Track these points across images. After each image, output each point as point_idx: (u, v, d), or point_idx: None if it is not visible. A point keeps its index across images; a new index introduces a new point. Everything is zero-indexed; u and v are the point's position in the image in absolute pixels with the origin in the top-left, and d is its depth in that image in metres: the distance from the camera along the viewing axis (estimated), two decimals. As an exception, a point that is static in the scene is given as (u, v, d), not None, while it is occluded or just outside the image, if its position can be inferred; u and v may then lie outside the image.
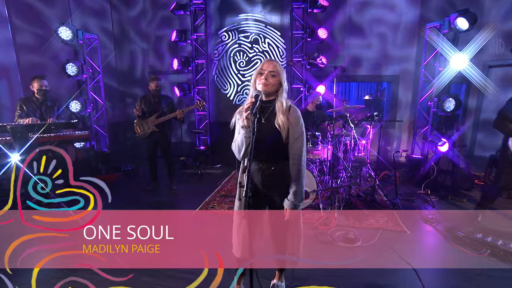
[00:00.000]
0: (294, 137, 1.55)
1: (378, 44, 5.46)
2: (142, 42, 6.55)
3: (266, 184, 1.61)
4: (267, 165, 1.59)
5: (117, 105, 6.43)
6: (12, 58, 4.19)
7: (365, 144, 3.88)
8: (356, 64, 5.54)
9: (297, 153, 1.57)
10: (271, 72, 1.53)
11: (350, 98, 8.58)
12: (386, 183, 4.33)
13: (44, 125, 2.89)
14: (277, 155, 1.59)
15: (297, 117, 1.57)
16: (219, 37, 5.24)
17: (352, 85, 8.54)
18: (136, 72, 6.74)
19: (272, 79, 1.52)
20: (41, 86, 3.24)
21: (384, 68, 5.55)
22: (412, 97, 5.47)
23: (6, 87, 4.22)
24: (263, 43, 5.16)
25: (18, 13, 4.17)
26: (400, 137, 5.73)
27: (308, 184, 3.25)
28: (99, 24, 5.77)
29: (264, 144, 1.54)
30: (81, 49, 4.43)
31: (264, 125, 1.55)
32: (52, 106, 3.37)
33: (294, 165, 1.58)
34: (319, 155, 3.60)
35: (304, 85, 5.09)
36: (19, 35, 4.24)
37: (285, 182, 1.60)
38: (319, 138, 3.49)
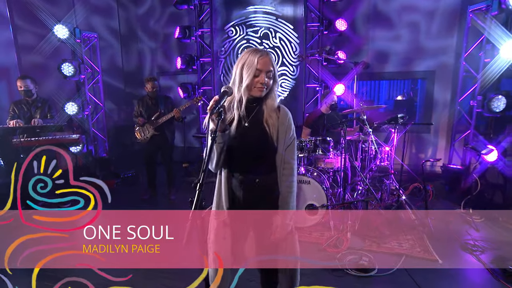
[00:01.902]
0: (286, 142, 1.41)
1: (408, 35, 5.09)
2: (150, 41, 6.68)
3: (249, 201, 1.44)
4: (250, 177, 1.42)
5: (123, 107, 6.58)
6: (13, 58, 4.41)
7: (389, 151, 3.56)
8: (382, 60, 5.21)
9: (288, 161, 1.42)
10: (268, 73, 1.36)
11: (380, 99, 8.15)
12: (416, 198, 3.94)
13: (27, 128, 2.93)
14: (263, 165, 1.43)
15: (289, 119, 1.43)
16: (225, 33, 5.18)
17: (382, 84, 8.11)
18: (144, 72, 6.88)
19: (269, 81, 1.37)
20: (21, 86, 3.31)
21: (416, 63, 5.16)
22: (451, 96, 5.02)
23: (6, 89, 4.45)
24: (273, 38, 5.02)
25: (20, 13, 4.39)
26: (436, 144, 5.26)
27: (317, 198, 3.02)
28: (105, 23, 5.96)
29: (247, 151, 1.39)
30: (78, 48, 4.55)
31: (247, 128, 1.40)
32: (42, 108, 3.43)
33: (285, 175, 1.42)
34: (332, 164, 3.36)
35: (320, 84, 4.86)
36: (20, 35, 4.46)
37: (273, 198, 1.44)
38: (331, 144, 3.24)
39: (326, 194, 3.05)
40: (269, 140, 1.38)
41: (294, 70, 5.03)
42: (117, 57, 6.36)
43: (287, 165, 1.42)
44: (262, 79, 1.35)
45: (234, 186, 1.44)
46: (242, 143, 1.38)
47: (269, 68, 1.35)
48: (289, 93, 5.10)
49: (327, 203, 3.03)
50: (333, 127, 3.48)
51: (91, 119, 4.99)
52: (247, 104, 1.42)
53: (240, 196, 1.44)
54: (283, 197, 1.43)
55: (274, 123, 1.38)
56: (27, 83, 3.36)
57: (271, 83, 1.39)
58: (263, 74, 1.35)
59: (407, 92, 7.66)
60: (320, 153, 3.24)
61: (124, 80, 6.57)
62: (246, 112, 1.41)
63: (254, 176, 1.41)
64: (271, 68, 1.36)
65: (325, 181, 3.31)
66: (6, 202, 3.30)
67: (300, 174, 3.09)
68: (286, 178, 1.42)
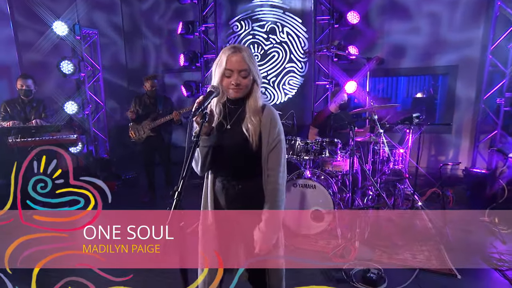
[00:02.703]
0: (269, 145, 1.34)
1: (428, 28, 4.91)
2: (155, 37, 6.72)
3: (232, 208, 1.41)
4: (233, 183, 1.39)
5: (126, 106, 6.63)
6: (14, 56, 4.51)
7: (403, 153, 3.43)
8: (398, 54, 5.04)
9: (272, 167, 1.35)
10: (241, 72, 1.30)
11: (398, 97, 7.92)
12: (434, 205, 3.77)
13: (22, 128, 2.96)
14: (245, 169, 1.39)
15: (273, 119, 1.36)
16: (230, 28, 5.15)
17: (400, 81, 7.87)
18: (148, 70, 6.92)
19: (244, 81, 1.31)
20: (22, 85, 3.36)
21: (437, 57, 4.96)
22: (476, 93, 4.81)
23: (7, 87, 4.55)
24: (281, 33, 4.95)
25: (20, 10, 4.47)
26: (458, 145, 5.04)
27: (323, 203, 2.93)
28: (108, 19, 6.03)
29: (228, 156, 1.36)
30: (78, 45, 4.60)
31: (229, 131, 1.37)
32: (37, 107, 3.48)
33: (269, 183, 1.36)
34: (340, 167, 3.27)
35: (330, 81, 4.76)
36: (21, 32, 4.55)
37: (258, 205, 1.38)
38: (339, 146, 3.13)
39: (333, 199, 2.94)
40: (249, 145, 1.33)
41: (303, 67, 4.94)
42: (120, 54, 6.43)
43: (271, 171, 1.35)
44: (234, 80, 1.29)
45: (217, 190, 1.43)
46: (223, 147, 1.35)
47: (242, 67, 1.29)
48: (297, 91, 5.02)
49: (334, 209, 2.92)
50: (341, 127, 3.37)
51: (91, 118, 5.04)
52: (228, 105, 1.39)
53: (223, 201, 1.42)
54: (266, 207, 1.36)
55: (255, 127, 1.33)
56: (28, 83, 3.41)
57: (247, 83, 1.32)
58: (235, 74, 1.29)
59: (427, 89, 7.40)
60: (327, 156, 3.14)
61: (128, 78, 6.63)
62: (228, 114, 1.38)
63: (236, 182, 1.39)
64: (245, 67, 1.29)
65: (332, 185, 3.22)
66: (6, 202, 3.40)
67: (305, 178, 3.00)
68: (270, 186, 1.36)
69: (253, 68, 1.32)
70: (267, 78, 5.15)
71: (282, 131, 1.39)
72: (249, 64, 1.30)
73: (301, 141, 3.16)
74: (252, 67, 1.32)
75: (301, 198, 3.02)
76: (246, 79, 1.31)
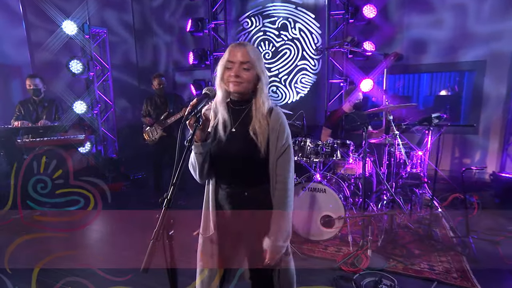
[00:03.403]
0: (278, 150, 1.32)
1: (453, 20, 4.74)
2: (165, 35, 6.82)
3: (237, 217, 1.39)
4: (238, 190, 1.36)
5: (137, 105, 6.77)
6: (26, 56, 4.70)
7: (422, 156, 3.32)
8: (419, 50, 4.90)
9: (281, 173, 1.33)
10: (243, 64, 1.27)
11: (420, 95, 7.68)
12: (456, 212, 3.62)
13: (30, 128, 3.08)
14: (253, 176, 1.36)
15: (281, 123, 1.33)
16: (240, 25, 5.14)
17: (423, 78, 7.62)
18: (159, 68, 7.05)
19: (245, 74, 1.27)
20: (30, 85, 3.50)
21: (462, 52, 4.78)
22: (507, 90, 4.61)
23: (19, 87, 4.75)
24: (293, 29, 4.90)
25: (33, 9, 4.65)
26: (486, 147, 4.83)
27: (334, 208, 2.87)
28: (119, 17, 6.18)
29: (234, 161, 1.33)
30: (87, 44, 4.73)
31: (234, 134, 1.33)
32: (49, 107, 3.61)
33: (278, 189, 1.34)
34: (353, 170, 3.20)
35: (344, 79, 4.66)
36: (33, 32, 4.74)
37: (265, 214, 1.37)
38: (351, 148, 3.06)
39: (344, 204, 2.88)
40: (257, 150, 1.30)
41: (316, 64, 4.86)
42: (131, 53, 6.57)
43: (279, 177, 1.33)
44: (235, 71, 1.26)
45: (221, 198, 1.39)
46: (228, 151, 1.31)
47: (245, 59, 1.26)
48: (309, 90, 4.95)
49: (345, 215, 2.86)
50: (352, 128, 3.29)
51: (100, 118, 5.17)
52: (233, 105, 1.36)
53: (227, 210, 1.38)
54: (275, 214, 1.34)
55: (262, 130, 1.29)
56: (36, 81, 3.55)
57: (249, 77, 1.28)
58: (237, 66, 1.26)
59: (452, 86, 7.11)
60: (338, 158, 3.08)
61: (138, 77, 6.77)
62: (232, 115, 1.34)
63: (242, 189, 1.35)
64: (248, 59, 1.26)
65: (344, 189, 3.16)
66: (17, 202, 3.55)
67: (315, 182, 2.95)
68: (278, 193, 1.34)
69: (258, 64, 1.29)
70: (279, 77, 5.11)
71: (290, 135, 1.37)
72: (253, 58, 1.27)
73: (311, 142, 3.11)
74: (256, 62, 1.28)
75: (310, 203, 2.97)
76: (248, 72, 1.27)
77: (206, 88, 1.29)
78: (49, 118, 3.60)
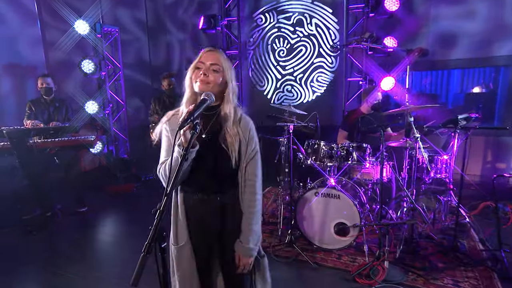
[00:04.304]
0: (247, 157, 1.42)
1: (487, 11, 4.55)
2: (179, 32, 6.94)
3: (212, 223, 1.45)
4: (211, 196, 1.43)
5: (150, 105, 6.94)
6: (41, 56, 4.94)
7: (447, 160, 3.21)
8: (447, 44, 4.74)
9: (250, 178, 1.43)
10: (212, 66, 1.34)
11: (449, 93, 7.40)
12: (487, 222, 3.48)
13: (41, 129, 3.22)
14: (224, 181, 1.44)
15: (250, 130, 1.44)
16: (254, 21, 5.17)
17: (453, 74, 7.34)
18: (172, 66, 7.18)
19: (214, 75, 1.34)
20: (42, 84, 3.67)
21: (497, 46, 4.58)
22: None
23: (34, 87, 4.97)
24: (309, 25, 4.88)
25: (47, 9, 4.87)
26: (524, 151, 4.60)
27: (348, 215, 2.84)
28: (131, 14, 6.35)
29: (206, 168, 1.38)
30: (99, 43, 4.90)
31: (205, 141, 1.37)
32: (60, 107, 3.77)
33: (247, 193, 1.43)
34: (370, 175, 3.14)
35: (364, 77, 4.58)
36: (48, 32, 4.96)
37: (236, 217, 1.46)
38: (368, 152, 3.01)
39: (360, 211, 2.83)
40: (229, 159, 1.37)
41: (333, 62, 4.81)
42: (144, 51, 6.74)
43: (248, 182, 1.42)
44: (204, 70, 1.33)
45: (193, 205, 1.43)
46: (200, 159, 1.33)
47: (215, 61, 1.34)
48: (326, 89, 4.90)
49: (360, 222, 2.81)
50: (369, 131, 3.23)
51: (112, 118, 5.33)
52: (203, 112, 1.35)
53: (200, 218, 1.43)
54: (245, 218, 1.43)
55: (232, 140, 1.36)
56: (48, 80, 3.73)
57: (217, 79, 1.34)
58: (207, 66, 1.34)
59: (487, 83, 6.81)
60: (354, 162, 3.03)
61: (151, 76, 6.92)
62: (202, 120, 1.36)
63: (214, 195, 1.42)
64: (218, 63, 1.34)
65: (360, 195, 3.10)
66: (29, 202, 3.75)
67: (329, 187, 2.92)
68: (248, 197, 1.43)
69: (227, 69, 1.37)
70: (293, 75, 5.10)
71: (258, 142, 1.46)
72: (223, 63, 1.35)
73: (325, 145, 3.08)
74: (226, 67, 1.36)
75: (323, 209, 2.95)
76: (216, 74, 1.34)
77: (204, 93, 1.32)
78: (60, 118, 3.75)
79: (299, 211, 3.04)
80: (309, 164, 3.18)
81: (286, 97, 5.33)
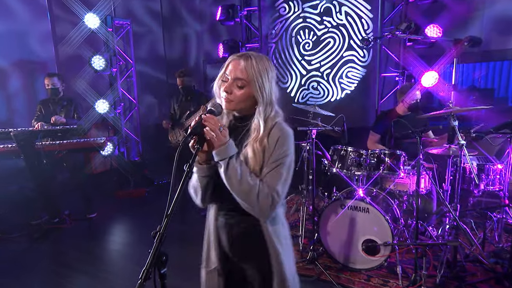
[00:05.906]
0: (268, 167, 1.26)
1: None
2: (195, 23, 7.02)
3: (235, 250, 1.40)
4: (236, 219, 1.37)
5: (165, 102, 7.06)
6: (51, 51, 5.15)
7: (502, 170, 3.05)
8: (506, 31, 4.49)
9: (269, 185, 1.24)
10: (237, 81, 1.26)
11: (508, 88, 6.99)
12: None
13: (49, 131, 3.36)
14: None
15: (278, 138, 1.27)
16: (276, 11, 5.17)
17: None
18: (189, 60, 7.28)
19: (238, 92, 1.27)
20: (48, 84, 3.84)
21: None
22: None
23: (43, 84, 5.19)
24: (338, 14, 4.81)
25: (58, 2, 5.05)
26: None
27: (378, 232, 2.76)
28: (145, 4, 6.48)
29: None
30: (110, 38, 5.03)
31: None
32: (68, 106, 3.92)
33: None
34: (405, 186, 3.03)
35: (401, 72, 4.46)
36: (58, 26, 5.16)
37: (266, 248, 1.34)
38: (402, 160, 2.89)
39: (392, 227, 2.73)
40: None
41: (365, 55, 4.71)
42: (158, 44, 6.87)
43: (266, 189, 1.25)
44: (226, 87, 1.26)
45: (219, 226, 1.41)
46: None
47: (240, 76, 1.25)
48: (357, 86, 4.80)
49: (393, 241, 2.70)
50: (402, 136, 3.10)
51: (123, 117, 5.47)
52: (235, 121, 1.37)
53: (225, 242, 1.40)
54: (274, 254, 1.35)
55: (257, 148, 1.26)
56: (54, 81, 3.88)
57: (241, 96, 1.27)
58: (230, 81, 1.27)
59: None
60: (386, 171, 2.92)
61: (167, 70, 7.03)
62: (233, 133, 1.33)
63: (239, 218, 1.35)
64: (243, 77, 1.24)
65: (394, 209, 2.99)
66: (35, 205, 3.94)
67: (357, 199, 2.84)
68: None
69: (257, 81, 1.25)
70: (320, 70, 5.04)
71: (291, 152, 1.29)
72: (251, 75, 1.24)
73: (353, 151, 2.99)
74: (254, 78, 1.25)
75: (350, 223, 2.87)
76: (241, 91, 1.26)
77: (211, 103, 1.29)
78: (67, 117, 3.90)
79: (322, 225, 2.99)
80: (334, 173, 3.11)
81: (312, 95, 5.29)
